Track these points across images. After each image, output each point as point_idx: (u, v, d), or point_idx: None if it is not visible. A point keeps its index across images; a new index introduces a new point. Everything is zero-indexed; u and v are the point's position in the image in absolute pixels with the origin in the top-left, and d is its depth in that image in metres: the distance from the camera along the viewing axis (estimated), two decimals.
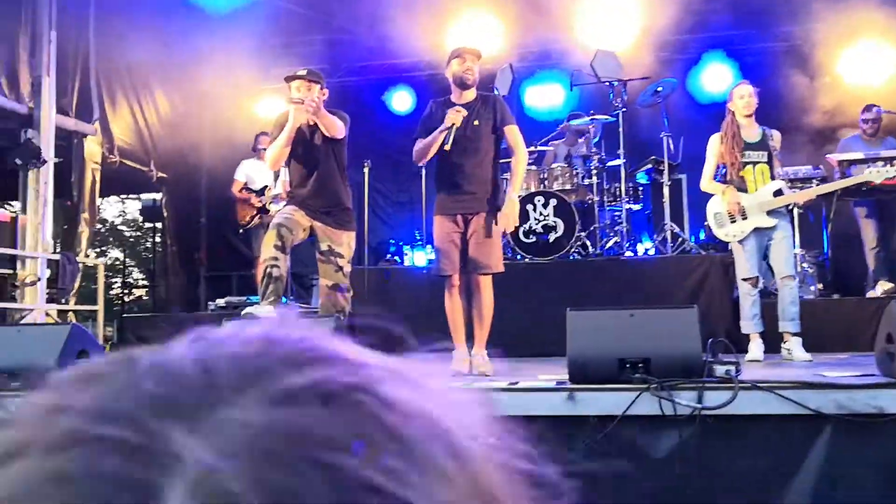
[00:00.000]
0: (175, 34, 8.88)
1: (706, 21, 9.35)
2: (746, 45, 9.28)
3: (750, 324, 5.31)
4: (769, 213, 5.23)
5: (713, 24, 9.35)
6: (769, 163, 5.33)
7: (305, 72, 4.81)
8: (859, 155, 6.81)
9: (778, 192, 5.25)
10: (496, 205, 4.76)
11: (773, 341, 5.45)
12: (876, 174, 5.38)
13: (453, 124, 4.49)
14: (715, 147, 5.41)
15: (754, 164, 5.30)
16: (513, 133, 4.71)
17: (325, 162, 4.81)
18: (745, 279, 5.31)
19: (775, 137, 5.41)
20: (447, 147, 4.53)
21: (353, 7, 9.11)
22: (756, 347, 5.26)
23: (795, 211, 6.55)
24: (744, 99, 5.32)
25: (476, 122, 4.65)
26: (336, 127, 4.72)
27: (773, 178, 5.32)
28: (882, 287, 6.78)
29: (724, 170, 5.41)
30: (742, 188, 5.29)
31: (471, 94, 4.72)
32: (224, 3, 8.40)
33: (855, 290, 7.12)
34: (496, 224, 4.63)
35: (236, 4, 8.40)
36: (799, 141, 7.86)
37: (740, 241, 5.30)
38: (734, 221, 5.28)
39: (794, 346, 5.15)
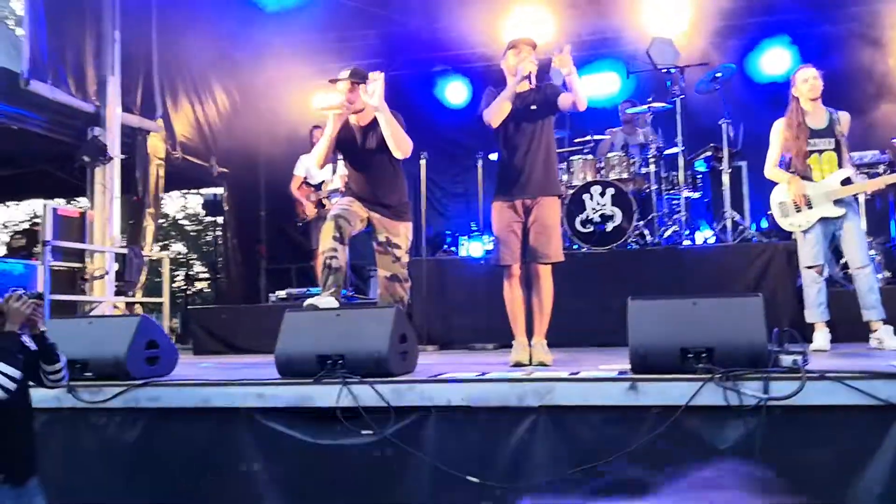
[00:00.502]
0: (233, 31, 9.07)
1: (764, 3, 9.15)
2: (807, 28, 9.03)
3: (815, 312, 5.18)
4: (836, 202, 5.10)
5: (771, 6, 9.14)
6: (836, 150, 5.16)
7: (349, 73, 4.84)
8: None
9: (846, 181, 5.09)
10: (556, 191, 4.74)
11: (839, 331, 5.32)
12: None
13: (529, 72, 4.51)
14: (779, 134, 5.26)
15: (820, 152, 5.14)
16: (567, 96, 4.60)
17: (379, 160, 4.85)
18: (809, 267, 5.18)
19: (843, 121, 5.22)
20: (530, 85, 4.54)
21: (407, 0, 9.13)
22: (822, 336, 5.13)
23: (861, 197, 6.36)
24: (808, 83, 5.15)
25: (533, 108, 4.66)
26: (405, 144, 4.73)
27: (840, 165, 5.16)
28: None
29: (789, 157, 5.27)
30: (807, 176, 5.15)
31: (525, 85, 4.71)
32: (280, 1, 8.51)
33: None
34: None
35: (292, 2, 8.50)
36: (865, 125, 7.64)
37: (804, 231, 5.18)
38: (799, 211, 5.15)
39: (884, 335, 4.97)
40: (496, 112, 4.62)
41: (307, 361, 3.71)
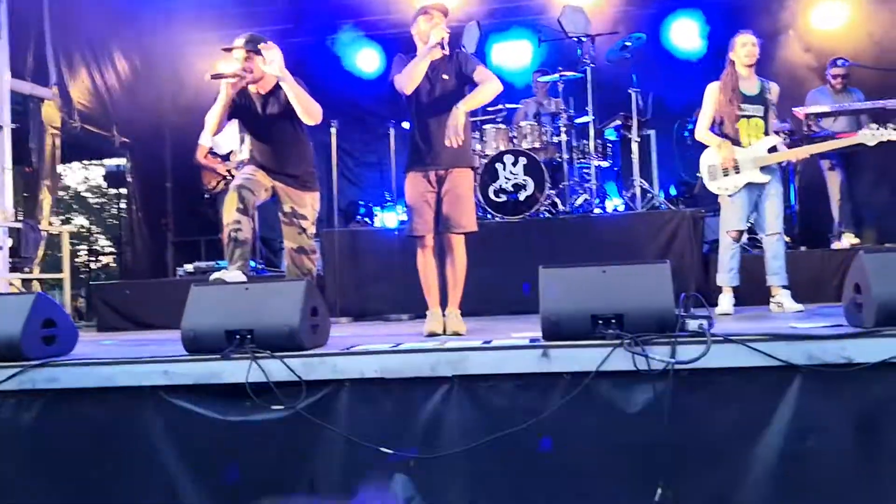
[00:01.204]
0: None
1: None
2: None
3: (727, 277, 5.34)
4: (762, 169, 5.23)
5: None
6: (764, 118, 5.32)
7: (244, 41, 4.70)
8: (826, 108, 6.86)
9: (773, 149, 5.25)
10: (469, 162, 4.72)
11: (742, 293, 5.52)
12: (870, 136, 5.25)
13: (442, 38, 4.42)
14: (713, 96, 5.36)
15: (749, 117, 5.28)
16: (482, 71, 4.56)
17: (282, 128, 4.73)
18: (728, 231, 5.32)
19: (773, 91, 5.37)
20: (443, 52, 4.46)
21: None
22: (726, 300, 5.32)
23: None
24: (746, 47, 5.26)
25: (445, 77, 4.59)
26: (314, 108, 4.61)
27: (766, 133, 5.31)
28: (848, 239, 6.87)
29: (720, 121, 5.36)
30: (735, 141, 5.27)
31: (438, 53, 4.64)
32: None
33: (821, 241, 7.21)
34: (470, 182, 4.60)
35: None
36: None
37: (730, 195, 5.30)
38: (727, 175, 5.27)
39: (783, 299, 5.21)
40: (409, 78, 4.52)
41: (215, 337, 3.59)
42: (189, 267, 7.45)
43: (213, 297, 3.80)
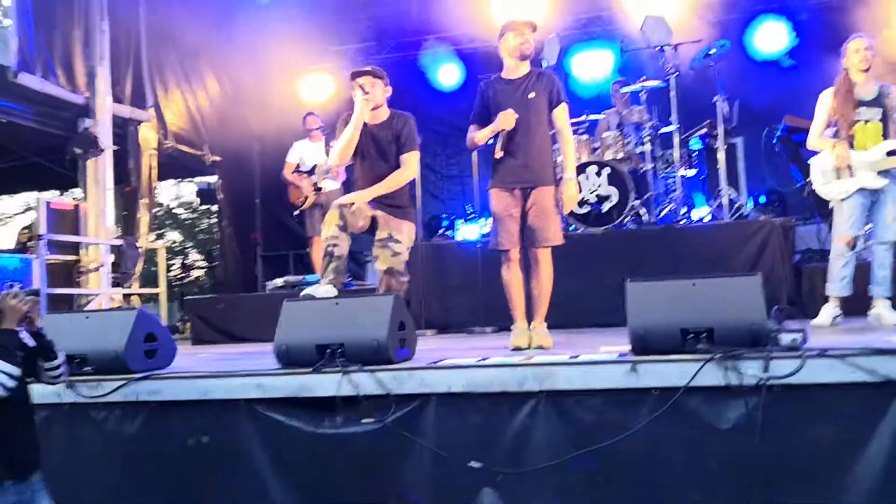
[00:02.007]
0: (223, 19, 8.98)
1: None
2: (800, 3, 8.99)
3: (838, 286, 5.02)
4: (879, 173, 4.97)
5: None
6: (883, 121, 5.03)
7: (370, 68, 4.82)
8: None
9: (892, 153, 4.95)
10: (553, 177, 4.72)
11: (847, 306, 5.22)
12: None
13: (503, 129, 4.51)
14: (826, 103, 5.14)
15: (866, 121, 5.02)
16: (563, 113, 4.68)
17: (389, 158, 4.81)
18: (840, 237, 5.07)
19: (893, 94, 5.09)
20: (498, 153, 4.58)
21: None
22: (828, 312, 5.03)
23: None
24: (859, 53, 5.03)
25: (532, 95, 4.61)
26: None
27: (885, 137, 5.03)
28: None
29: (835, 128, 5.12)
30: (851, 146, 5.02)
31: (525, 68, 4.68)
32: None
33: None
34: (555, 197, 4.61)
35: None
36: None
37: (843, 200, 5.05)
38: (840, 178, 5.03)
39: (884, 310, 4.90)
40: (473, 146, 4.76)
41: (306, 351, 3.70)
42: (279, 281, 7.66)
43: (305, 312, 3.92)
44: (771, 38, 8.98)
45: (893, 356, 2.98)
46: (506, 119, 4.50)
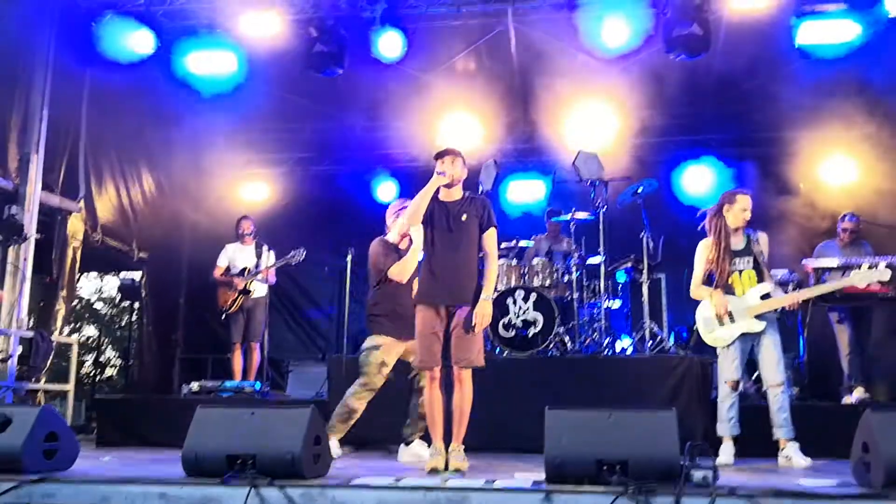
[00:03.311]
0: (167, 115, 9.03)
1: (687, 123, 9.66)
2: (726, 150, 9.55)
3: (727, 426, 5.29)
4: (757, 317, 5.27)
5: (694, 126, 9.66)
6: (756, 267, 5.38)
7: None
8: (834, 262, 6.89)
9: (766, 296, 5.29)
10: (478, 299, 4.78)
11: (751, 445, 5.41)
12: (861, 278, 5.37)
13: (444, 171, 4.68)
14: (704, 254, 5.43)
15: (741, 271, 5.37)
16: (491, 237, 4.79)
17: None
18: (726, 381, 5.31)
19: (761, 241, 5.45)
20: (444, 181, 4.69)
21: (346, 99, 9.31)
22: (727, 450, 5.23)
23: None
24: (746, 212, 5.36)
25: (464, 218, 4.73)
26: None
27: (759, 280, 5.36)
28: (857, 393, 6.81)
29: (713, 276, 5.43)
30: (730, 293, 5.34)
31: (457, 193, 4.82)
32: (216, 86, 8.52)
33: (831, 394, 7.14)
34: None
35: (228, 88, 8.52)
36: (776, 245, 7.99)
37: (726, 345, 5.32)
38: (722, 325, 5.31)
39: (792, 452, 5.09)
40: (415, 211, 4.72)
41: (216, 460, 3.58)
42: (195, 385, 7.40)
43: (218, 420, 3.81)
44: (697, 180, 9.47)
45: (800, 499, 3.04)
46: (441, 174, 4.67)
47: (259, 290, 8.13)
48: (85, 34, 7.89)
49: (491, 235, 4.79)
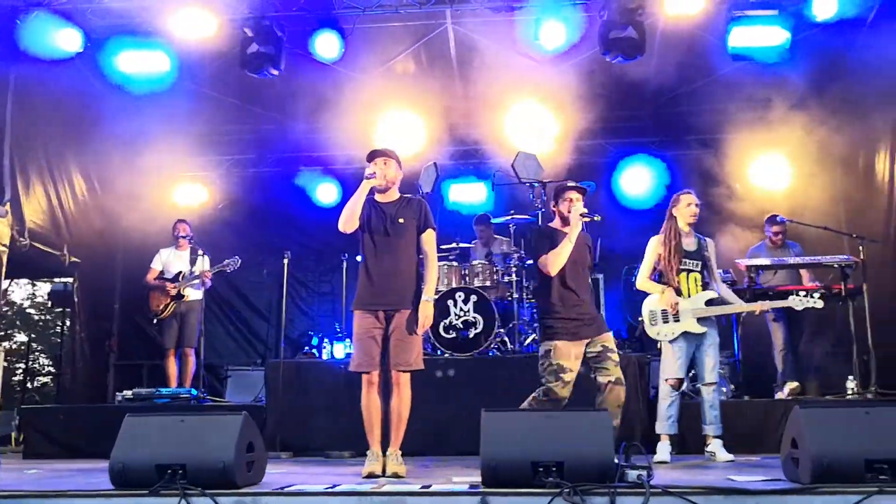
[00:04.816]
0: (97, 116, 8.77)
1: (624, 127, 9.78)
2: (663, 152, 9.69)
3: (665, 424, 5.40)
4: (700, 320, 5.40)
5: (631, 129, 9.79)
6: (702, 272, 5.56)
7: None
8: (766, 261, 7.12)
9: (710, 302, 5.45)
10: (417, 302, 4.75)
11: (686, 443, 5.54)
12: (798, 302, 5.64)
13: (373, 173, 4.65)
14: (655, 249, 5.60)
15: (689, 272, 5.52)
16: (430, 238, 4.78)
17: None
18: (667, 379, 5.41)
19: (710, 247, 5.69)
20: (374, 183, 4.67)
21: (284, 100, 9.20)
22: (664, 448, 5.36)
23: None
24: (690, 207, 5.57)
25: (401, 221, 4.70)
26: None
27: (705, 286, 5.53)
28: (789, 388, 6.97)
29: (658, 273, 5.57)
30: (676, 292, 5.45)
31: (394, 195, 4.79)
32: (148, 86, 8.30)
33: (765, 390, 7.30)
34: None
35: (160, 88, 8.30)
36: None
37: (670, 342, 5.43)
38: (667, 322, 5.42)
39: (716, 448, 5.33)
40: (349, 217, 4.65)
41: (145, 470, 3.47)
42: (128, 393, 7.21)
43: (147, 429, 3.70)
44: (635, 182, 9.59)
45: (730, 495, 3.08)
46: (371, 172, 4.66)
47: (193, 294, 7.97)
48: (8, 31, 7.61)
49: (429, 237, 4.77)
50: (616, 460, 3.29)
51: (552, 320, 4.98)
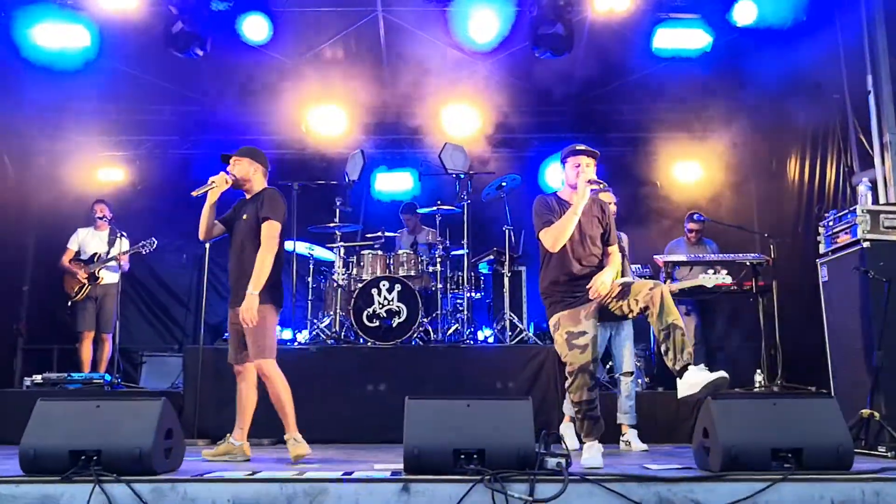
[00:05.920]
0: (9, 90, 8.40)
1: (547, 122, 9.92)
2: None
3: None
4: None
5: (553, 124, 9.92)
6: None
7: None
8: (683, 257, 7.35)
9: None
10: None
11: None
12: (707, 279, 6.02)
13: (211, 182, 4.77)
14: None
15: None
16: (265, 229, 4.69)
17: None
18: None
19: (624, 240, 5.80)
20: (215, 188, 4.80)
21: (209, 81, 8.99)
22: (570, 433, 5.42)
23: None
24: (610, 206, 5.65)
25: (245, 217, 4.80)
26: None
27: (623, 275, 5.63)
28: None
29: None
30: None
31: (253, 191, 4.93)
32: (66, 62, 7.95)
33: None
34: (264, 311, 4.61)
35: (79, 64, 7.96)
36: (631, 240, 8.36)
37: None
38: None
39: (631, 438, 5.51)
40: (202, 229, 4.94)
41: (57, 457, 3.37)
42: (37, 377, 6.97)
43: (61, 414, 3.59)
44: (559, 177, 9.71)
45: (645, 482, 3.18)
46: (216, 179, 4.81)
47: (109, 277, 7.76)
48: None
49: (266, 227, 4.68)
50: (536, 449, 3.35)
51: (555, 294, 4.58)
